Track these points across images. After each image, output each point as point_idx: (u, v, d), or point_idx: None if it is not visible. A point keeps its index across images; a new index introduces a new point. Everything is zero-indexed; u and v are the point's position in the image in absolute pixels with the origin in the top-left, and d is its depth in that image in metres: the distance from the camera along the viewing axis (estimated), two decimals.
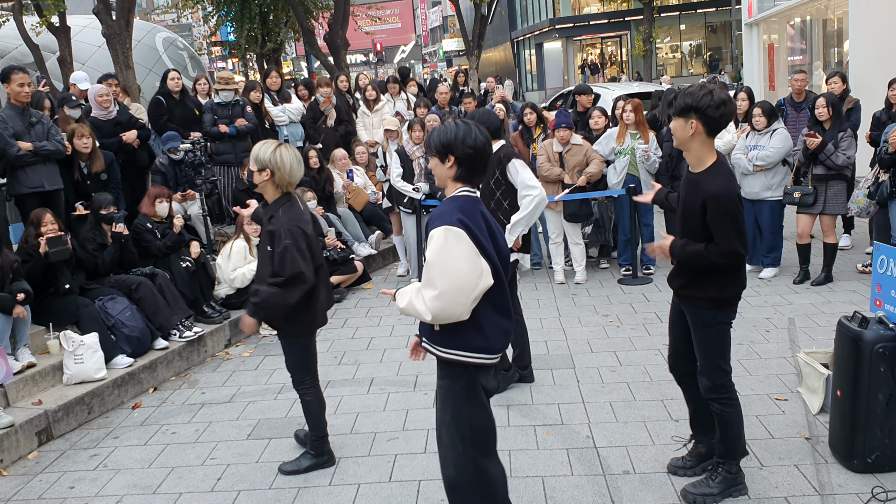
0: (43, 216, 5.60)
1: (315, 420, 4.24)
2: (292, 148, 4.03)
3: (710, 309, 3.51)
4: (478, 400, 3.05)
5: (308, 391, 4.20)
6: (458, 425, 3.04)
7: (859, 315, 3.82)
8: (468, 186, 3.04)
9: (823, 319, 6.02)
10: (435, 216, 2.97)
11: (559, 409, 4.82)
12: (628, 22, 37.14)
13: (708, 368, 3.58)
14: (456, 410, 3.04)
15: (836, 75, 7.80)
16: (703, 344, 3.57)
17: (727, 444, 3.65)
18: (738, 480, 3.69)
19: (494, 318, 3.00)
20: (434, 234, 2.89)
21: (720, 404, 3.58)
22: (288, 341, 4.15)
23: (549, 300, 7.14)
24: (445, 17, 56.59)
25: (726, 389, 3.59)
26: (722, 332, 3.56)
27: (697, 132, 3.32)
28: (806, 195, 6.75)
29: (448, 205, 2.98)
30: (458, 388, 3.03)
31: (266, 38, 20.54)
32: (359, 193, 8.92)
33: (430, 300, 2.85)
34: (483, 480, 3.09)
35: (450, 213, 2.91)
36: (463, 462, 3.06)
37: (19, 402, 5.03)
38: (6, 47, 15.49)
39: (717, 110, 3.25)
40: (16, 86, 6.03)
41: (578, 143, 7.41)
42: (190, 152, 7.38)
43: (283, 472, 4.25)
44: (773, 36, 18.32)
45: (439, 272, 2.83)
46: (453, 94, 11.15)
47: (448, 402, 3.06)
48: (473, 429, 3.05)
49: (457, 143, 2.97)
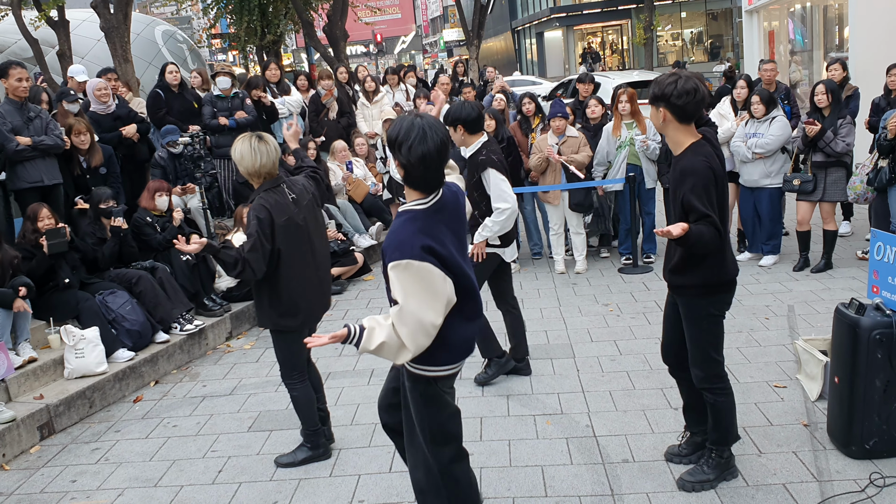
0: (39, 211, 5.61)
1: (305, 414, 4.24)
2: (249, 137, 3.91)
3: (698, 298, 3.51)
4: (440, 404, 3.00)
5: (295, 386, 4.18)
6: (422, 429, 3.01)
7: (856, 302, 3.82)
8: (422, 196, 2.82)
9: (823, 306, 6.02)
10: (392, 245, 2.71)
11: (559, 398, 4.83)
12: (629, 10, 36.96)
13: (699, 359, 3.59)
14: (420, 414, 3.00)
15: (837, 62, 7.77)
16: (694, 335, 3.58)
17: (720, 432, 3.67)
18: (729, 464, 3.73)
19: (461, 329, 2.92)
20: (395, 270, 2.67)
21: (713, 394, 3.60)
22: (275, 335, 4.12)
23: (550, 290, 7.14)
24: (446, 7, 56.37)
25: (719, 379, 3.60)
26: (713, 324, 3.55)
27: (668, 119, 3.37)
28: (805, 182, 6.75)
29: (405, 228, 2.74)
30: (419, 393, 2.98)
31: (265, 30, 20.48)
32: (359, 185, 8.92)
33: (407, 339, 2.70)
34: (451, 484, 3.05)
35: (409, 241, 2.69)
36: (431, 465, 3.03)
37: (21, 396, 5.06)
38: (5, 42, 15.48)
39: (681, 99, 3.28)
40: (14, 81, 6.03)
41: (574, 135, 7.40)
42: (189, 146, 7.37)
43: (278, 464, 4.27)
44: (773, 23, 18.24)
45: (410, 311, 2.68)
46: (453, 84, 11.13)
47: (413, 406, 3.02)
48: (436, 433, 3.01)
49: (393, 146, 2.76)
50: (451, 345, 2.90)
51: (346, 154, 9.00)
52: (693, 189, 3.28)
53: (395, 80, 10.87)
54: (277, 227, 3.81)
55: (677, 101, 3.30)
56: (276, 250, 3.84)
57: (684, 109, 3.32)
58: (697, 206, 3.27)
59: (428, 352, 2.82)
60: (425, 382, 2.96)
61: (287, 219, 3.87)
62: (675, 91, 3.29)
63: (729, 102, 7.55)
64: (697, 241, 3.25)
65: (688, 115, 3.36)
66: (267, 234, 3.78)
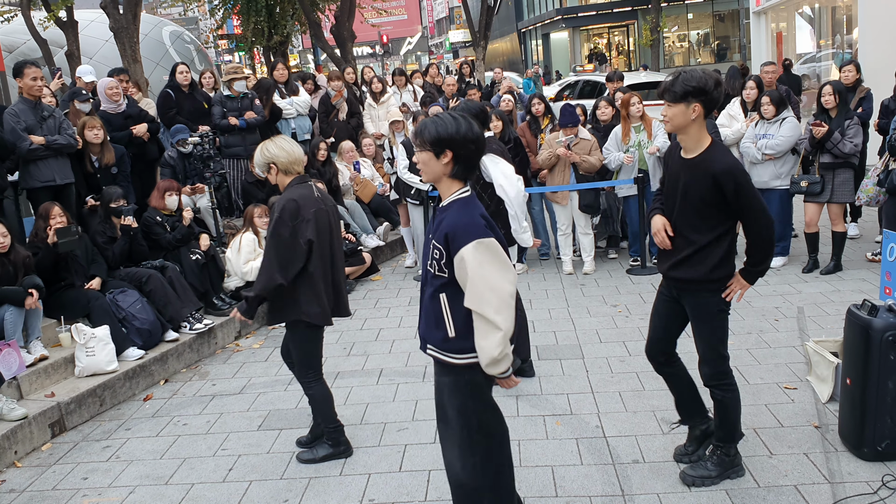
0: (51, 209, 5.63)
1: (323, 413, 4.26)
2: (277, 137, 4.13)
3: (708, 293, 3.52)
4: (484, 396, 2.99)
5: (311, 384, 4.20)
6: (467, 422, 2.96)
7: (869, 303, 3.81)
8: (465, 185, 2.92)
9: (832, 308, 6.01)
10: (460, 230, 2.79)
11: (568, 398, 4.83)
12: (635, 11, 36.92)
13: (709, 357, 3.60)
14: (461, 405, 2.96)
15: (851, 64, 7.76)
16: (706, 332, 3.58)
17: (726, 429, 3.68)
18: (735, 462, 3.73)
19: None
20: (470, 251, 2.74)
21: (721, 390, 3.61)
22: (295, 330, 4.14)
23: (558, 290, 7.14)
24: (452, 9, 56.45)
25: (726, 376, 3.61)
26: (723, 320, 3.58)
27: (699, 115, 3.39)
28: (813, 184, 6.73)
29: (465, 212, 2.84)
30: (465, 382, 2.95)
31: (273, 31, 20.54)
32: (366, 185, 8.93)
33: (494, 317, 2.73)
34: (493, 478, 3.01)
35: (473, 222, 2.80)
36: (471, 457, 2.97)
37: (32, 394, 5.08)
38: (14, 42, 15.54)
39: (716, 92, 3.36)
40: (29, 80, 6.05)
41: (585, 137, 7.40)
42: (199, 145, 7.40)
43: (300, 460, 4.28)
44: (781, 24, 18.21)
45: (490, 287, 2.74)
46: (459, 85, 11.14)
47: (455, 399, 2.97)
48: (480, 422, 2.98)
49: (457, 137, 2.81)
50: None
51: (353, 154, 9.02)
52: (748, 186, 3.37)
53: (403, 81, 10.90)
54: (306, 219, 3.90)
55: (714, 94, 3.34)
56: (308, 241, 3.92)
57: (717, 102, 3.41)
58: (763, 205, 3.39)
59: (471, 340, 2.83)
60: (471, 371, 2.92)
61: (316, 211, 3.96)
62: (712, 85, 3.33)
63: (739, 103, 7.54)
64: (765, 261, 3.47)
65: (713, 109, 3.45)
66: (288, 228, 3.87)
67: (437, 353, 2.96)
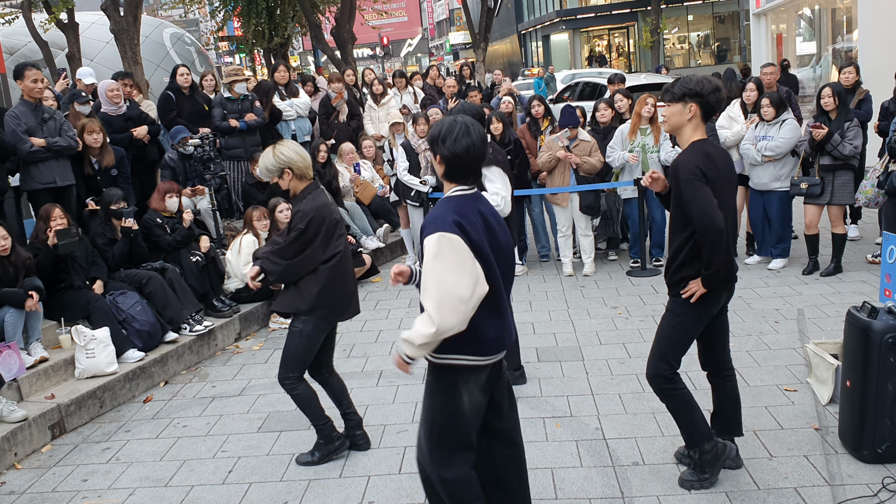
0: (52, 211, 5.64)
1: (311, 411, 4.25)
2: (283, 142, 4.17)
3: (674, 295, 3.60)
4: (458, 402, 2.95)
5: (295, 385, 4.20)
6: (430, 421, 3.01)
7: (868, 305, 3.81)
8: (462, 186, 2.95)
9: (832, 310, 6.01)
10: (428, 221, 2.87)
11: (568, 401, 4.83)
12: (635, 13, 36.95)
13: (654, 354, 3.65)
14: (433, 407, 3.00)
15: (851, 66, 7.76)
16: (661, 331, 3.65)
17: (683, 432, 3.71)
18: (717, 457, 3.69)
19: (492, 322, 2.93)
20: (428, 241, 2.80)
21: (661, 394, 3.66)
22: (298, 323, 4.13)
23: (558, 292, 7.14)
24: (452, 10, 56.48)
25: (666, 381, 3.62)
26: (680, 325, 3.59)
27: (696, 115, 3.46)
28: (813, 186, 6.73)
29: (442, 207, 2.90)
30: (440, 387, 2.98)
31: (273, 33, 20.55)
32: (366, 187, 8.94)
33: (432, 311, 2.76)
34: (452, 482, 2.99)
35: (443, 217, 2.83)
36: (434, 459, 3.01)
37: (32, 396, 5.08)
38: (15, 44, 15.56)
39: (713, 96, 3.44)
40: (29, 82, 6.05)
41: (586, 138, 7.40)
42: (199, 147, 7.40)
43: (298, 462, 4.28)
44: (781, 26, 18.22)
45: (436, 282, 2.76)
46: (459, 87, 11.16)
47: (429, 398, 3.02)
48: (443, 429, 2.99)
49: (437, 142, 2.90)
50: (481, 336, 2.90)
51: (353, 156, 9.02)
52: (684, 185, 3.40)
53: (403, 83, 10.90)
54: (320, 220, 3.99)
55: (711, 98, 3.43)
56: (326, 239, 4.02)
57: (714, 107, 3.48)
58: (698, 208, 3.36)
59: (456, 341, 2.84)
60: (449, 372, 2.94)
61: (332, 216, 4.07)
62: (709, 89, 3.43)
63: (739, 105, 7.54)
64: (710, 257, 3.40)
65: (711, 113, 3.51)
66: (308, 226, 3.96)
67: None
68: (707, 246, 3.39)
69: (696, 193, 3.36)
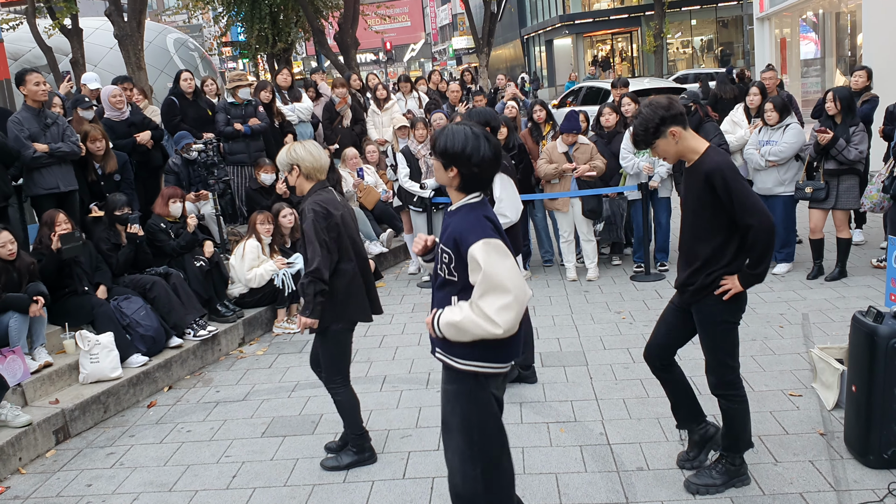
0: (56, 216, 5.65)
1: (349, 418, 4.25)
2: (307, 141, 4.17)
3: (713, 302, 3.53)
4: (487, 405, 2.97)
5: (338, 390, 4.20)
6: (466, 430, 2.96)
7: (874, 310, 3.80)
8: (473, 195, 2.92)
9: (837, 315, 5.99)
10: (465, 230, 2.81)
11: (572, 405, 4.82)
12: (639, 17, 37.00)
13: (713, 365, 3.60)
14: (465, 415, 2.96)
15: (863, 69, 7.75)
16: (710, 342, 3.59)
17: (731, 438, 3.67)
18: (741, 472, 3.71)
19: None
20: (475, 249, 2.75)
21: (727, 400, 3.61)
22: (326, 333, 4.12)
23: (562, 297, 7.13)
24: (455, 15, 56.53)
25: (732, 386, 3.59)
26: (727, 330, 3.56)
27: (679, 134, 3.45)
28: (818, 190, 6.72)
29: (471, 216, 2.86)
30: (466, 391, 2.95)
31: (276, 38, 20.61)
32: (370, 192, 8.94)
33: (499, 311, 2.72)
34: (491, 490, 2.99)
35: (480, 224, 2.81)
36: (471, 469, 2.97)
37: (37, 401, 5.08)
38: (19, 50, 15.62)
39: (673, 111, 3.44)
40: (31, 85, 6.06)
41: (585, 142, 7.39)
42: (203, 152, 7.42)
43: (324, 467, 4.27)
44: (784, 30, 18.22)
45: (503, 279, 2.72)
46: (462, 91, 11.17)
47: (457, 406, 2.97)
48: (482, 434, 2.96)
49: (462, 158, 2.83)
50: (506, 343, 2.88)
51: (357, 161, 9.03)
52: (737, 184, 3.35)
53: (408, 88, 10.92)
54: (334, 221, 3.97)
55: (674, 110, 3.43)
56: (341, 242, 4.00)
57: (684, 117, 3.47)
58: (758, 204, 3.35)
59: (483, 344, 2.84)
60: (474, 379, 2.92)
61: (342, 214, 4.04)
62: (668, 105, 3.43)
63: (742, 110, 7.53)
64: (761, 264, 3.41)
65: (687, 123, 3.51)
66: (323, 227, 3.92)
67: (444, 356, 2.96)
68: (761, 244, 3.37)
69: (749, 191, 3.37)
